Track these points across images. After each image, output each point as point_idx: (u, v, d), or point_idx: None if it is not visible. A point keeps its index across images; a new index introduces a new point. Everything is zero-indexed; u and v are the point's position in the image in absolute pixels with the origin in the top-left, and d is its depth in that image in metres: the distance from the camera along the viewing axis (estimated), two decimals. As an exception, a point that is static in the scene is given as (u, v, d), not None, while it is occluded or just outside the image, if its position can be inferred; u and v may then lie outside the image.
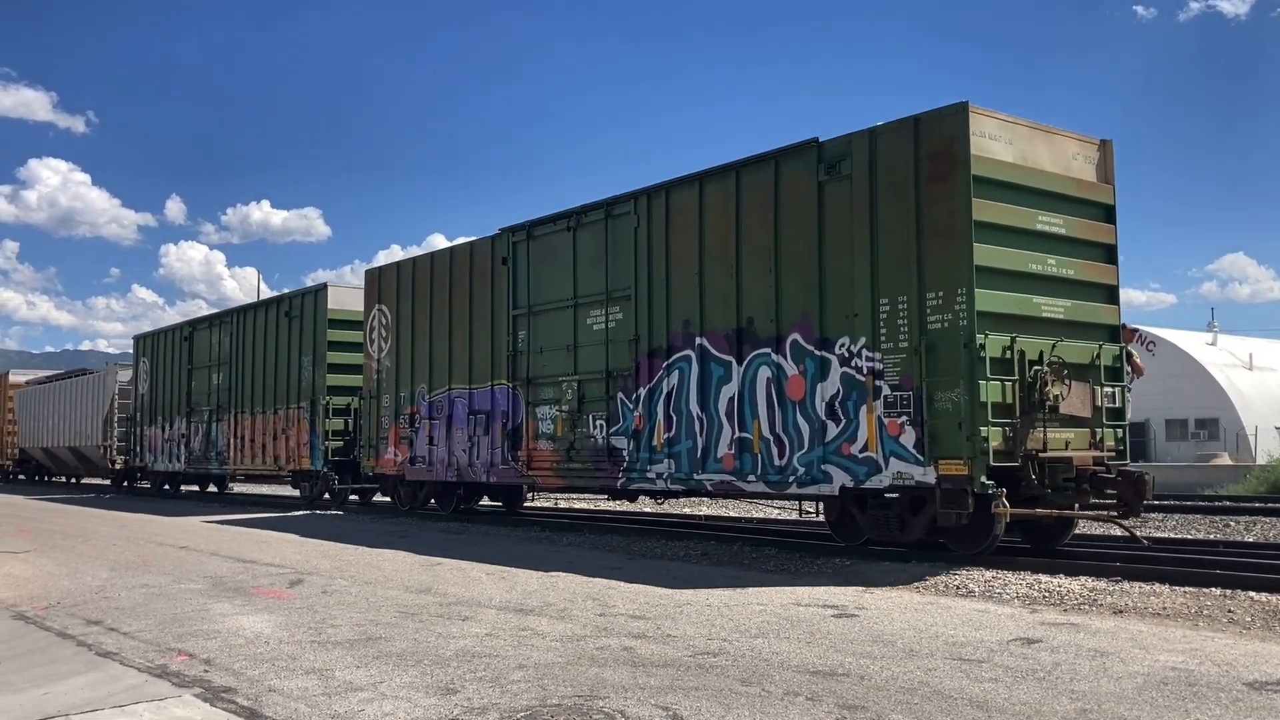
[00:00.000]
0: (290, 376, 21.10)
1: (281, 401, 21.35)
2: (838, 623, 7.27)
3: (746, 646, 6.47)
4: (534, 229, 14.55)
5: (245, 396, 22.85)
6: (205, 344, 24.85)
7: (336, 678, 5.79)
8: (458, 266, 16.04)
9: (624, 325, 13.00)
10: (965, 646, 6.41)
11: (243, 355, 23.05)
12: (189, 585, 9.71)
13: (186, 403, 25.45)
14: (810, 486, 10.79)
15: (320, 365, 20.16)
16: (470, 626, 7.29)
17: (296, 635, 7.07)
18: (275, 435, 21.50)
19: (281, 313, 21.65)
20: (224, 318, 24.23)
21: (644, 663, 6.03)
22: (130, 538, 14.95)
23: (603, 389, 13.18)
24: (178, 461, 26.00)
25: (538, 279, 14.43)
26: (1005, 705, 5.02)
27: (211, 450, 24.25)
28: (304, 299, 20.98)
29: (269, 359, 21.94)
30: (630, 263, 12.90)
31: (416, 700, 5.25)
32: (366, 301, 18.38)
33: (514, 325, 14.76)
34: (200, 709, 5.21)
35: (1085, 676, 5.59)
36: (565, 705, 5.09)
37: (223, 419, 23.76)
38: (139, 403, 28.44)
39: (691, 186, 12.20)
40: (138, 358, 28.85)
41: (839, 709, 4.97)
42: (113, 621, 7.82)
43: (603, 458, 13.15)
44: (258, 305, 23.18)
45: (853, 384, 10.29)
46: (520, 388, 14.57)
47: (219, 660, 6.32)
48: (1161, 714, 4.85)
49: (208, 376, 24.56)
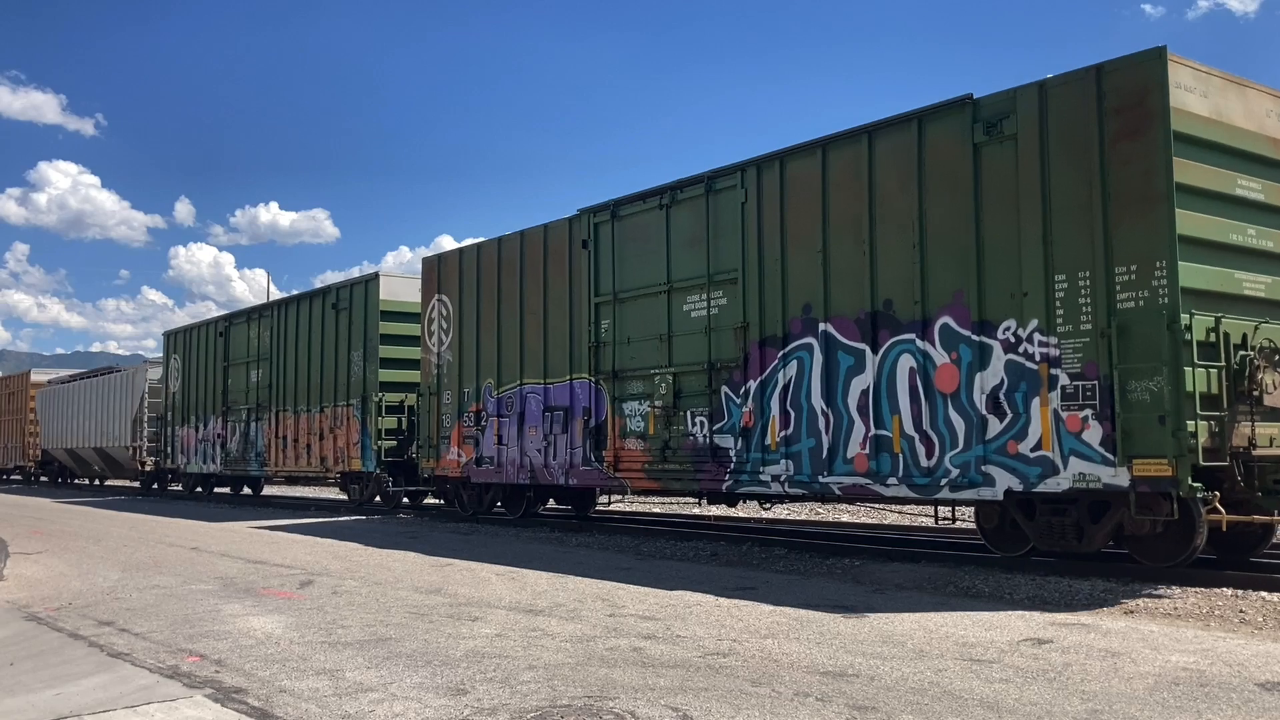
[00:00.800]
0: (338, 372, 19.90)
1: (328, 399, 20.16)
2: (847, 623, 7.26)
3: (756, 647, 6.47)
4: (619, 208, 13.35)
5: (287, 394, 21.62)
6: (242, 339, 23.63)
7: (347, 678, 5.81)
8: (529, 251, 14.83)
9: (729, 311, 11.82)
10: (975, 647, 6.40)
11: (284, 350, 21.85)
12: (200, 586, 9.75)
13: (222, 401, 24.25)
14: (966, 490, 9.47)
15: (372, 360, 18.99)
16: (480, 627, 7.30)
17: (307, 636, 7.09)
18: (321, 435, 20.32)
19: (328, 305, 20.37)
20: (263, 311, 22.94)
21: (654, 663, 6.03)
22: (142, 539, 15.00)
23: (703, 382, 12.04)
24: (213, 463, 24.78)
25: (624, 263, 13.26)
26: (1016, 706, 5.01)
27: (250, 451, 23.02)
28: (353, 290, 19.72)
29: (314, 354, 20.75)
30: (737, 242, 11.70)
31: (427, 701, 5.26)
32: (425, 291, 17.12)
33: (596, 314, 13.63)
34: (211, 709, 5.23)
35: (1096, 677, 5.58)
36: (575, 706, 5.10)
37: (262, 418, 22.53)
38: (170, 402, 27.21)
39: (811, 155, 10.94)
40: (168, 355, 27.61)
41: (849, 709, 4.97)
42: (124, 622, 7.86)
43: (705, 458, 11.97)
44: (301, 297, 21.70)
45: (1021, 373, 9.06)
46: (604, 382, 13.45)
47: (230, 661, 6.34)
48: (1173, 714, 4.84)
49: (245, 373, 23.38)
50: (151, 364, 29.45)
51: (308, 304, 21.26)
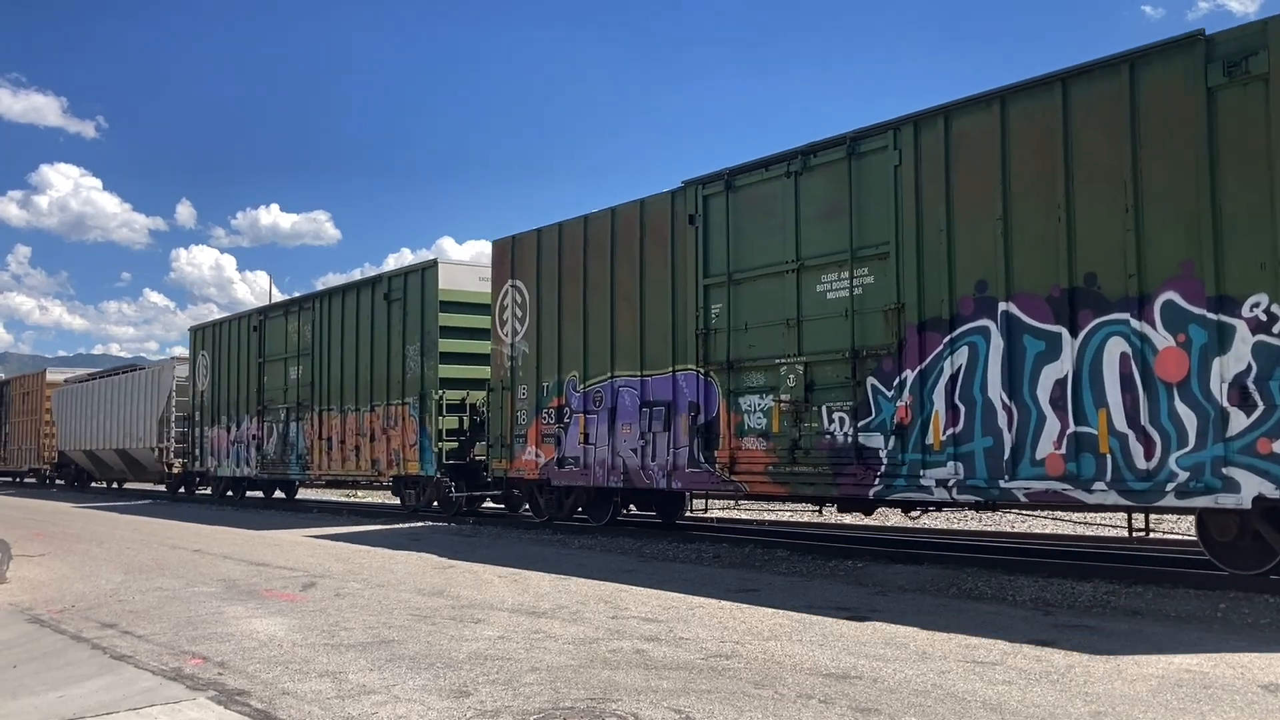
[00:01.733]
0: (391, 368, 18.34)
1: (380, 397, 18.61)
2: (850, 625, 7.26)
3: (759, 649, 6.47)
4: (735, 178, 11.95)
5: (332, 392, 20.07)
6: (279, 333, 22.06)
7: (349, 680, 5.81)
8: (622, 229, 13.48)
9: (878, 291, 10.39)
10: (978, 649, 6.39)
11: (328, 345, 20.27)
12: (202, 588, 9.75)
13: (258, 400, 22.65)
14: (1200, 497, 8.14)
15: (430, 354, 17.46)
16: (483, 629, 7.30)
17: (310, 638, 7.09)
18: (373, 436, 18.80)
19: (379, 295, 18.78)
20: (304, 303, 21.31)
21: (656, 665, 6.03)
22: (144, 541, 15.01)
23: (843, 373, 10.64)
24: (248, 465, 23.18)
25: (740, 239, 11.88)
26: (1019, 708, 5.00)
27: (290, 453, 21.46)
28: (407, 279, 18.15)
29: (363, 349, 19.16)
30: (889, 211, 10.29)
31: (429, 703, 5.26)
32: (496, 277, 15.71)
33: (705, 298, 12.25)
34: (214, 712, 5.24)
35: (1099, 678, 5.57)
36: (578, 708, 5.09)
37: (303, 418, 20.95)
38: (198, 401, 25.62)
39: (986, 109, 9.59)
40: (195, 351, 26.03)
41: (852, 712, 4.96)
42: (127, 624, 7.86)
43: (847, 459, 10.53)
44: (347, 288, 20.07)
45: (1275, 357, 7.79)
46: (715, 374, 12.07)
47: (233, 663, 6.34)
48: (1176, 716, 4.83)
49: (284, 370, 21.80)
50: (179, 360, 27.97)
51: (354, 295, 19.66)
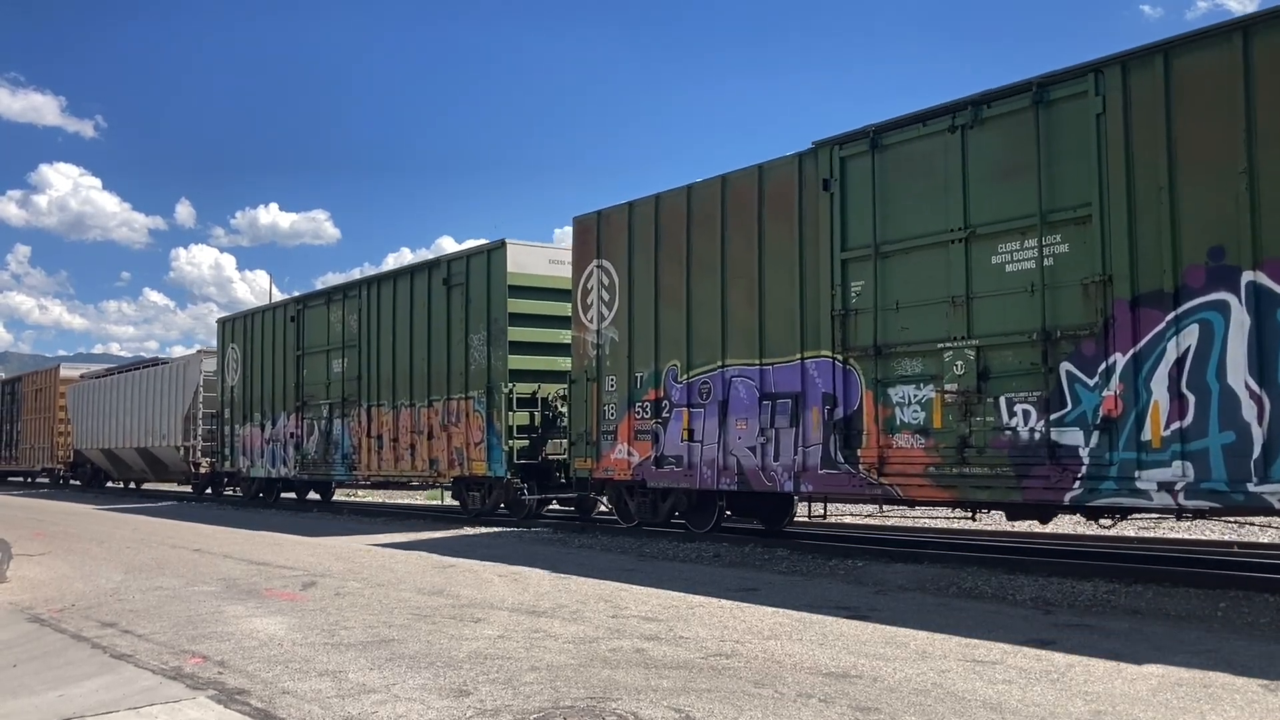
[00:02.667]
0: (452, 360, 16.81)
1: (439, 391, 17.08)
2: (850, 624, 7.26)
3: (759, 648, 6.47)
4: (883, 135, 10.49)
5: (383, 386, 18.51)
6: (320, 324, 20.52)
7: (350, 680, 5.81)
8: (736, 199, 12.01)
9: (1075, 261, 8.91)
10: (978, 648, 6.39)
11: (377, 336, 18.71)
12: (202, 588, 9.75)
13: (296, 395, 21.10)
14: None
15: (498, 344, 15.92)
16: (483, 628, 7.30)
17: (310, 637, 7.09)
18: (430, 433, 17.23)
19: (437, 280, 17.21)
20: (349, 291, 19.77)
21: (656, 664, 6.03)
22: (144, 541, 15.01)
23: (1028, 357, 9.17)
24: (285, 465, 21.62)
25: (889, 205, 10.38)
26: (1019, 707, 5.00)
27: (335, 452, 19.88)
28: (470, 262, 16.65)
29: (419, 339, 17.59)
30: (1089, 167, 8.84)
31: (429, 702, 5.26)
32: (578, 258, 14.23)
33: (844, 274, 10.77)
34: (214, 711, 5.24)
35: (1099, 677, 5.57)
36: (578, 707, 5.09)
37: (349, 414, 19.42)
38: (228, 397, 24.10)
39: (1220, 42, 8.15)
40: (223, 344, 24.47)
41: (852, 711, 4.96)
42: (127, 624, 7.86)
43: (1035, 459, 9.05)
44: (399, 273, 18.47)
45: None
46: (856, 361, 10.60)
47: (233, 662, 6.34)
48: (1176, 715, 4.83)
49: (326, 363, 20.27)
50: (206, 354, 26.53)
51: (408, 281, 18.08)
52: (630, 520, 14.03)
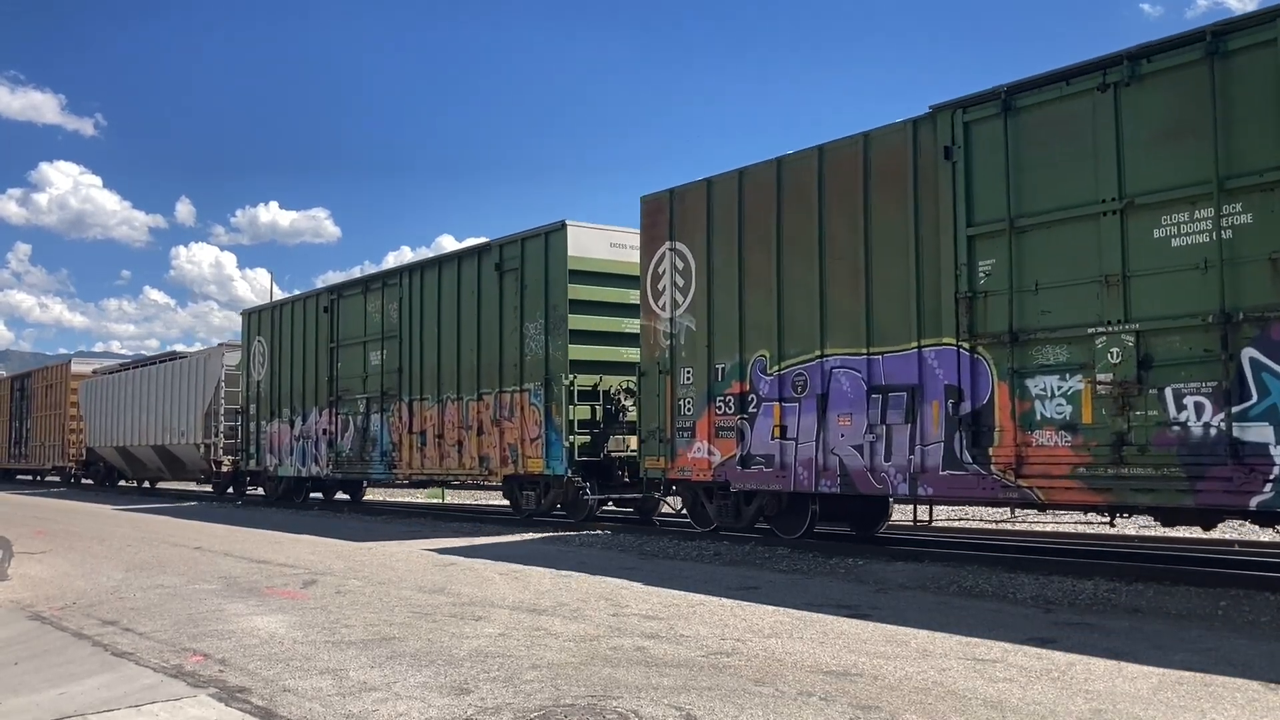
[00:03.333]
0: (505, 350, 15.72)
1: (490, 383, 16.01)
2: (851, 623, 7.26)
3: (760, 646, 6.47)
4: (1015, 97, 9.48)
5: (426, 379, 17.44)
6: (357, 314, 19.37)
7: (350, 678, 5.81)
8: (836, 172, 11.00)
9: (1260, 233, 7.90)
10: (979, 646, 6.39)
11: (420, 325, 17.64)
12: (203, 586, 9.76)
13: (330, 390, 19.96)
14: None
15: (557, 333, 14.86)
16: (483, 626, 7.30)
17: (310, 635, 7.09)
18: (480, 428, 16.11)
19: (488, 266, 16.17)
20: (388, 279, 18.67)
21: (657, 663, 6.04)
22: (145, 538, 15.02)
23: (1204, 343, 8.16)
24: (317, 463, 20.44)
25: (1025, 175, 9.36)
26: (1019, 705, 5.00)
27: (373, 449, 18.74)
28: (525, 246, 15.51)
29: (467, 329, 16.53)
30: (1277, 125, 7.90)
31: (430, 700, 5.26)
32: (648, 240, 13.16)
33: (970, 252, 9.73)
34: (215, 709, 5.24)
35: (1100, 676, 5.57)
36: (579, 705, 5.10)
37: (389, 409, 18.31)
38: (253, 392, 22.98)
39: None
40: (248, 336, 23.37)
41: (853, 709, 4.96)
42: (128, 622, 7.87)
43: (1213, 458, 8.05)
44: (444, 259, 17.39)
45: None
46: (986, 348, 9.55)
47: (234, 660, 6.35)
48: (1177, 714, 4.83)
49: (362, 356, 19.12)
50: (228, 347, 25.46)
51: (454, 267, 17.01)
52: (707, 524, 12.93)
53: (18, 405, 39.78)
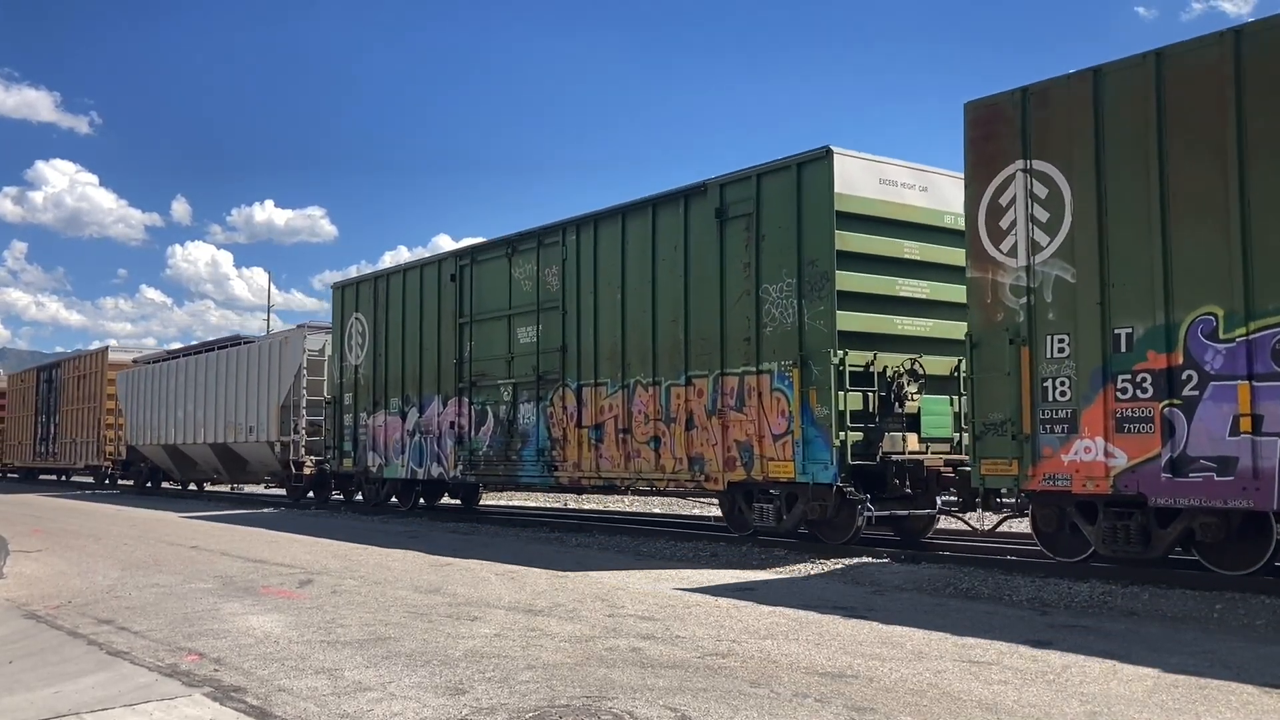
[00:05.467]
0: (730, 320, 12.22)
1: (704, 363, 12.49)
2: (847, 624, 7.26)
3: (755, 648, 6.47)
4: None
5: (602, 359, 13.96)
6: (498, 282, 15.98)
7: (346, 677, 5.81)
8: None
9: None
10: (974, 648, 6.39)
11: (594, 292, 14.11)
12: (199, 585, 9.75)
13: (458, 375, 16.52)
14: None
15: (818, 296, 11.26)
16: (479, 627, 7.30)
17: (306, 635, 7.09)
18: (690, 421, 12.64)
19: (702, 213, 12.60)
20: (545, 237, 15.13)
21: (652, 664, 6.03)
22: (141, 537, 15.00)
23: None
24: (440, 463, 17.02)
25: None
26: (1014, 707, 5.00)
27: (523, 446, 15.26)
28: (764, 183, 11.97)
29: (666, 293, 13.05)
30: None
31: (425, 700, 5.26)
32: (980, 160, 9.76)
33: None
34: (210, 708, 5.24)
35: (1095, 678, 5.57)
36: (574, 706, 5.09)
37: (546, 397, 14.84)
38: (348, 379, 19.53)
39: None
40: (341, 315, 19.98)
41: (848, 710, 4.96)
42: (123, 620, 7.86)
43: None
44: (632, 208, 13.74)
45: None
46: None
47: (229, 660, 6.34)
48: (1172, 716, 4.83)
49: (507, 332, 15.68)
50: (311, 329, 22.30)
51: (648, 217, 13.43)
52: (1074, 551, 9.51)
53: (44, 399, 36.48)
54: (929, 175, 12.18)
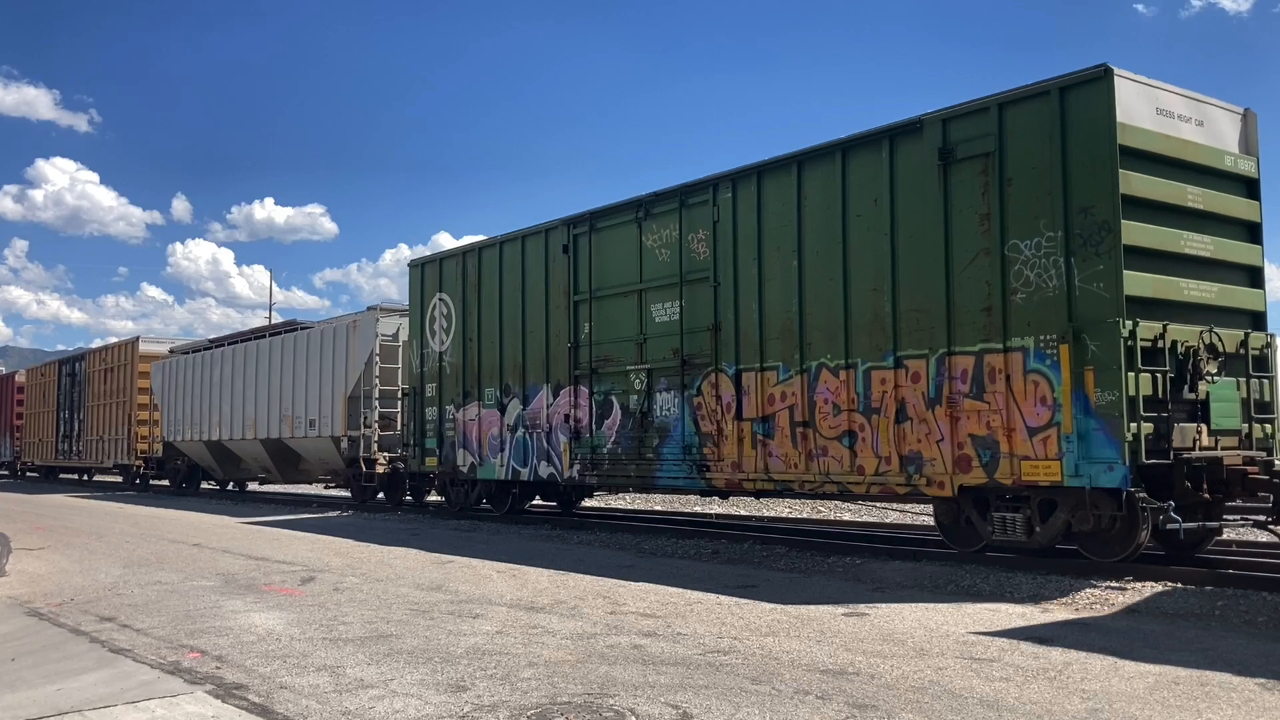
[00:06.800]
0: (958, 285, 9.85)
1: (920, 339, 10.14)
2: (848, 621, 7.26)
3: (756, 645, 6.47)
4: None
5: (770, 338, 11.62)
6: (626, 251, 13.65)
7: (347, 675, 5.81)
8: None
9: None
10: (976, 645, 6.40)
11: (759, 258, 11.75)
12: (201, 582, 9.76)
13: (573, 360, 14.28)
14: None
15: (1096, 252, 8.97)
16: (481, 624, 7.31)
17: (308, 632, 7.10)
18: (900, 412, 10.25)
19: (919, 153, 10.25)
20: (689, 196, 12.78)
21: (654, 661, 6.04)
22: (144, 535, 15.01)
23: None
24: (550, 461, 14.73)
25: None
26: (1016, 704, 5.00)
27: (662, 443, 13.00)
28: (1007, 114, 9.69)
29: (866, 253, 10.65)
30: None
31: (427, 697, 5.26)
32: None
33: None
34: (212, 705, 5.24)
35: (1097, 675, 5.57)
36: (575, 703, 5.10)
37: (693, 384, 12.52)
38: (430, 367, 17.14)
39: None
40: (422, 296, 17.51)
41: (849, 707, 4.97)
42: (125, 618, 7.87)
43: None
44: (812, 155, 11.30)
45: None
46: None
47: (231, 657, 6.35)
48: (1173, 713, 4.83)
49: (638, 310, 13.43)
50: (385, 311, 20.10)
51: (835, 163, 11.01)
52: None
53: (66, 394, 34.04)
54: (1204, 107, 10.02)
